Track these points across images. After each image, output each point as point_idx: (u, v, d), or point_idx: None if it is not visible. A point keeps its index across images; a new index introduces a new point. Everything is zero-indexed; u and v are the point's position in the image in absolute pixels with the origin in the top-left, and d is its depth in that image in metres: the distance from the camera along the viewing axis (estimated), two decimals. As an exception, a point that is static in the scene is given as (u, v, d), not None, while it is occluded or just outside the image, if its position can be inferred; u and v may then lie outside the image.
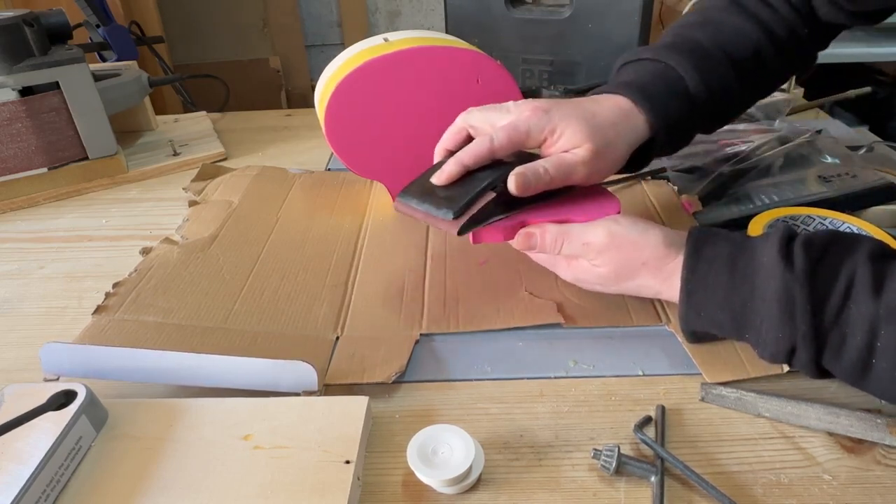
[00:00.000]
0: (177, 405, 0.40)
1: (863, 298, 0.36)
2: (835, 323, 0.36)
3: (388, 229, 0.64)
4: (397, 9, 2.30)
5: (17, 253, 0.64)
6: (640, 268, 0.43)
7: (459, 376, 0.45)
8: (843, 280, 0.36)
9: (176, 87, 1.15)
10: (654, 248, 0.42)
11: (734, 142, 0.72)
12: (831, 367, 0.38)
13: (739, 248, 0.40)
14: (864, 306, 0.35)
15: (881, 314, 0.35)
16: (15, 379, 0.44)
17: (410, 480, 0.37)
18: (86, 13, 0.96)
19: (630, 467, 0.37)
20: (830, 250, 0.38)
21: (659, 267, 0.42)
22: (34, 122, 0.71)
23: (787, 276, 0.37)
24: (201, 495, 0.35)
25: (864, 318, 0.35)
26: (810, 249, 0.38)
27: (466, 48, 0.61)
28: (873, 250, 0.37)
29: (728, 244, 0.41)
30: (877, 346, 0.35)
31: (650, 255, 0.42)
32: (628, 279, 0.44)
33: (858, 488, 0.36)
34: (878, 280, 0.36)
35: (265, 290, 0.54)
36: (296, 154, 0.84)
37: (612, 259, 0.43)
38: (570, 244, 0.45)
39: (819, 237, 0.39)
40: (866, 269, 0.36)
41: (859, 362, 0.36)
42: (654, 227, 0.44)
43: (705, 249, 0.41)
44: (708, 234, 0.42)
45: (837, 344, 0.37)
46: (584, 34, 0.90)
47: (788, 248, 0.38)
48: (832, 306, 0.36)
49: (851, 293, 0.36)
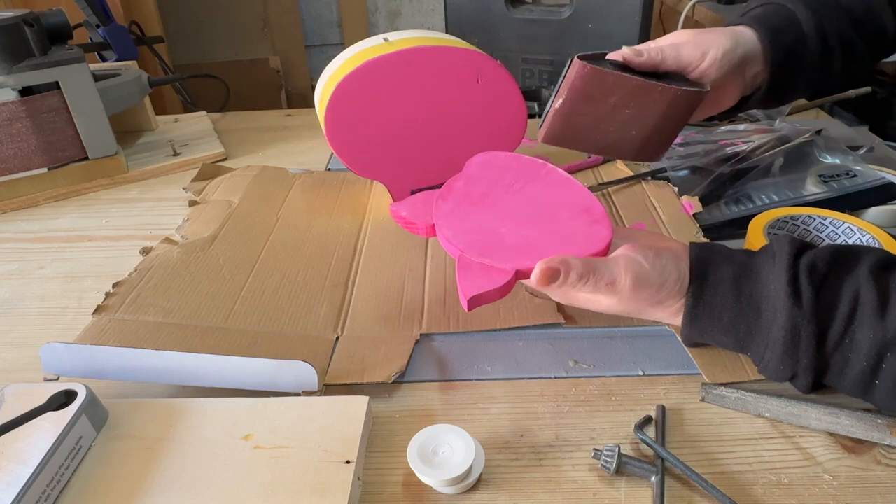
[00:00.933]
0: (177, 405, 0.40)
1: (868, 322, 0.35)
2: (837, 349, 0.37)
3: (388, 229, 0.64)
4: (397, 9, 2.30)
5: (17, 253, 0.64)
6: (655, 306, 0.42)
7: (459, 376, 0.45)
8: (846, 303, 0.36)
9: (176, 87, 1.15)
10: (670, 290, 0.41)
11: (734, 142, 0.72)
12: (832, 384, 0.38)
13: (744, 271, 0.40)
14: (870, 330, 0.35)
15: (889, 339, 0.35)
16: (15, 379, 0.44)
17: (410, 480, 0.37)
18: (86, 13, 0.96)
19: (630, 467, 0.37)
20: (834, 270, 0.38)
21: (671, 305, 0.41)
22: (34, 122, 0.71)
23: (794, 312, 0.37)
24: (201, 495, 0.35)
25: (869, 342, 0.35)
26: (814, 274, 0.37)
27: (466, 48, 0.61)
28: (874, 264, 0.37)
29: (731, 266, 0.40)
30: (881, 369, 0.36)
31: (666, 295, 0.41)
32: (638, 313, 0.43)
33: (859, 488, 0.36)
34: (882, 300, 0.36)
35: (265, 290, 0.54)
36: (296, 154, 0.84)
37: (630, 299, 0.41)
38: (596, 282, 0.41)
39: (821, 258, 0.38)
40: (869, 287, 0.36)
41: (861, 383, 0.37)
42: (671, 262, 0.41)
43: (709, 274, 0.40)
44: (708, 255, 0.41)
45: (840, 367, 0.37)
46: (584, 34, 0.90)
47: (796, 276, 0.37)
48: (835, 333, 0.36)
49: (856, 317, 0.36)
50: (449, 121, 0.63)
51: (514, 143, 0.65)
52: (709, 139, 0.74)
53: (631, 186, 0.70)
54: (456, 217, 0.46)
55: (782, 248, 0.39)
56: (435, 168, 0.65)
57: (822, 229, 0.55)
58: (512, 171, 0.49)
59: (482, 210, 0.46)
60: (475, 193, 0.48)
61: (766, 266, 0.39)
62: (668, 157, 0.70)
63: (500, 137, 0.64)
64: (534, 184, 0.48)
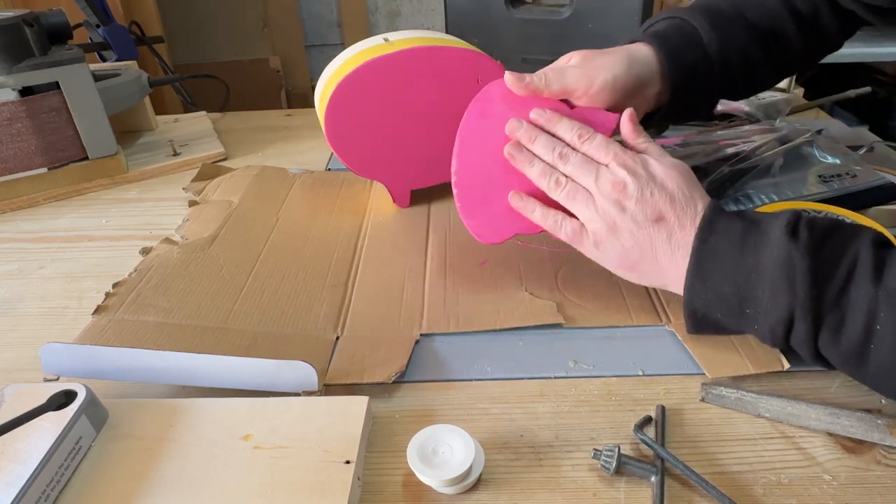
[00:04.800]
0: (177, 405, 0.40)
1: (864, 281, 0.36)
2: (835, 303, 0.37)
3: (388, 229, 0.64)
4: (397, 9, 2.29)
5: (17, 253, 0.64)
6: (668, 210, 0.43)
7: (459, 376, 0.45)
8: (845, 263, 0.37)
9: (176, 87, 1.15)
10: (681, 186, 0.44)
11: (734, 142, 0.72)
12: (828, 351, 0.38)
13: (751, 223, 0.41)
14: (865, 289, 0.36)
15: (881, 297, 0.35)
16: (15, 379, 0.44)
17: (410, 480, 0.37)
18: (86, 13, 0.96)
19: (630, 467, 0.37)
20: (834, 234, 0.39)
21: (681, 222, 0.42)
22: (34, 122, 0.71)
23: (790, 247, 0.38)
24: (201, 495, 0.35)
25: (863, 300, 0.36)
26: (814, 229, 0.39)
27: (466, 48, 0.61)
28: (876, 237, 0.38)
29: (741, 220, 0.42)
30: (875, 330, 0.36)
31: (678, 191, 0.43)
32: (653, 230, 0.43)
33: (858, 488, 0.36)
34: (878, 265, 0.36)
35: (265, 290, 0.54)
36: (296, 154, 0.84)
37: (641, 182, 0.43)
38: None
39: (823, 220, 0.40)
40: (868, 253, 0.37)
41: (857, 345, 0.36)
42: (673, 172, 0.44)
43: (719, 223, 0.41)
44: (724, 210, 0.43)
45: (836, 325, 0.37)
46: (584, 34, 0.90)
47: (795, 224, 0.39)
48: (834, 286, 0.37)
49: (853, 276, 0.37)
50: (449, 121, 0.63)
51: None
52: (709, 139, 0.73)
53: (631, 186, 0.70)
54: None
55: (787, 211, 0.41)
56: (435, 168, 0.65)
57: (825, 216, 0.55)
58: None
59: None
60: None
61: (770, 218, 0.41)
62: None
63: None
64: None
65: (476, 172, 0.51)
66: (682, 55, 0.53)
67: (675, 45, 0.53)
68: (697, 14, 0.55)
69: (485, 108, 0.51)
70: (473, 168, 0.51)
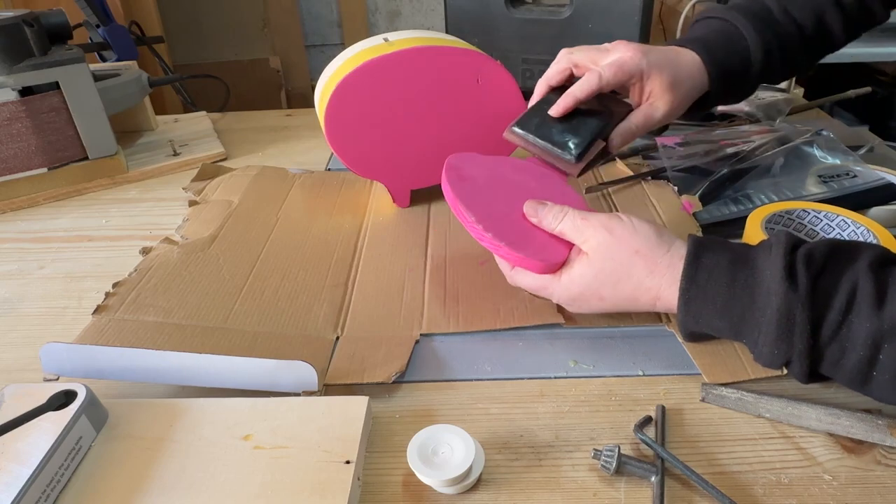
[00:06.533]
0: (177, 405, 0.40)
1: (865, 312, 0.35)
2: (833, 338, 0.36)
3: (388, 229, 0.64)
4: (397, 9, 2.29)
5: (17, 253, 0.64)
6: (634, 256, 0.42)
7: (459, 376, 0.45)
8: (843, 293, 0.36)
9: (176, 87, 1.15)
10: (647, 238, 0.43)
11: (734, 142, 0.72)
12: (829, 374, 0.38)
13: (739, 258, 0.40)
14: (867, 320, 0.35)
15: (885, 329, 0.35)
16: (15, 379, 0.44)
17: (410, 480, 0.37)
18: (86, 13, 0.96)
19: (630, 467, 0.37)
20: (831, 262, 0.37)
21: (653, 259, 0.42)
22: (34, 122, 0.71)
23: (790, 296, 0.37)
24: (201, 495, 0.35)
25: (866, 332, 0.35)
26: (811, 264, 0.37)
27: (466, 48, 0.61)
28: (874, 259, 0.37)
29: (727, 253, 0.40)
30: (878, 360, 0.35)
31: (642, 243, 0.42)
32: (624, 275, 0.43)
33: (858, 489, 0.36)
34: (880, 292, 0.35)
35: (265, 290, 0.54)
36: (296, 154, 0.84)
37: (603, 244, 0.43)
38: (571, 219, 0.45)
39: (820, 248, 0.38)
40: (868, 279, 0.36)
41: (859, 374, 0.36)
42: (644, 221, 0.44)
43: (704, 257, 0.40)
44: (707, 241, 0.42)
45: (836, 357, 0.37)
46: (584, 34, 0.90)
47: (792, 264, 0.38)
48: (831, 322, 0.36)
49: (853, 307, 0.36)
50: (449, 121, 0.63)
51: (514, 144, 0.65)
52: (709, 139, 0.73)
53: (631, 186, 0.70)
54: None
55: (779, 241, 0.39)
56: (435, 168, 0.64)
57: (816, 223, 0.55)
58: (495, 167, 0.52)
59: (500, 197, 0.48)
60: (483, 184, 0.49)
61: (761, 255, 0.39)
62: (668, 157, 0.70)
63: (499, 137, 0.64)
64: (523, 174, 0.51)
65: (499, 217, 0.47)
66: (727, 64, 0.56)
67: (722, 58, 0.55)
68: (746, 20, 0.56)
69: (458, 173, 0.50)
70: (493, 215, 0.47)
